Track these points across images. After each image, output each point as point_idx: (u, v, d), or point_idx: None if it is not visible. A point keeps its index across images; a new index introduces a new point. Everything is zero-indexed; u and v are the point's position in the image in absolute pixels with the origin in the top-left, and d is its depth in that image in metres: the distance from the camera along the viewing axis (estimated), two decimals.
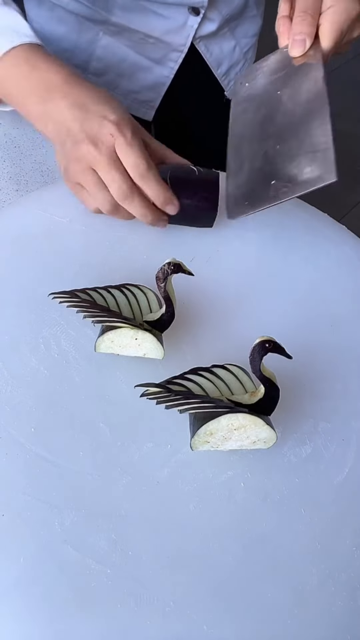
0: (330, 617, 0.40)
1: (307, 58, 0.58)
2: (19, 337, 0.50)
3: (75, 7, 0.82)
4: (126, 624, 0.39)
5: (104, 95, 0.57)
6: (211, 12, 0.84)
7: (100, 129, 0.54)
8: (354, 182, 2.14)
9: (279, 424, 0.47)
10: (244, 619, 0.40)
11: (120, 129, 0.53)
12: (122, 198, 0.55)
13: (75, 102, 0.56)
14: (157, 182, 0.55)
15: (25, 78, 0.58)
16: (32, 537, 0.41)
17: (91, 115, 0.55)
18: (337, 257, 0.60)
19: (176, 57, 0.88)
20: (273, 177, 0.53)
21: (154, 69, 0.90)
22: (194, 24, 0.84)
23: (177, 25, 0.84)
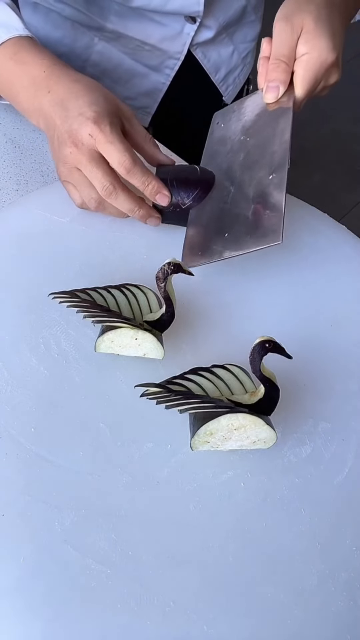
0: (330, 617, 0.40)
1: (280, 104, 0.58)
2: (19, 337, 0.50)
3: (70, 12, 0.82)
4: (126, 624, 0.39)
5: (86, 87, 0.56)
6: (208, 20, 0.84)
7: (79, 129, 0.54)
8: (354, 182, 2.14)
9: (279, 424, 0.47)
10: (244, 619, 0.40)
11: (99, 126, 0.53)
12: (107, 194, 0.55)
13: (57, 98, 0.56)
14: (143, 174, 0.54)
15: (13, 74, 0.58)
16: (32, 537, 0.41)
17: (70, 113, 0.54)
18: (337, 257, 0.60)
19: (172, 65, 0.88)
20: (226, 229, 0.53)
21: (150, 75, 0.89)
22: (191, 32, 0.83)
23: (173, 33, 0.83)
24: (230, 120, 0.63)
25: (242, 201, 0.54)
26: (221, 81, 0.95)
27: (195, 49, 0.88)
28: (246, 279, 0.57)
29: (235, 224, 0.53)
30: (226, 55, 0.92)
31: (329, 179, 2.13)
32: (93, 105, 0.54)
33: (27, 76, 0.57)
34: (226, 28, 0.88)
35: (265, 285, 0.57)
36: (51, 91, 0.56)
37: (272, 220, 0.50)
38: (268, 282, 0.57)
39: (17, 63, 0.58)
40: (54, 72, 0.57)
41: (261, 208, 0.52)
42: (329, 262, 0.60)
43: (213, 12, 0.83)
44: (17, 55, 0.58)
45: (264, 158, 0.55)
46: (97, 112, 0.54)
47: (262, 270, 0.58)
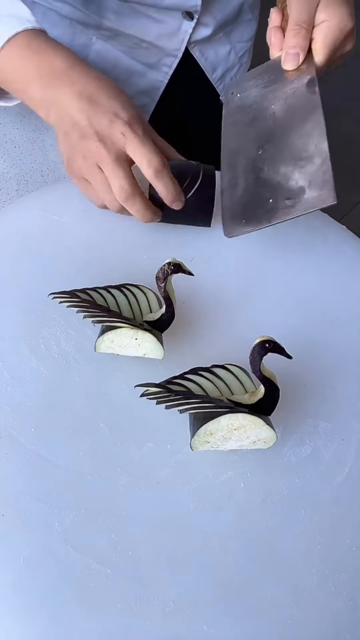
0: (330, 617, 0.40)
1: (300, 71, 0.58)
2: (19, 337, 0.50)
3: (68, 11, 0.82)
4: (126, 624, 0.39)
5: (113, 88, 0.56)
6: (205, 17, 0.84)
7: (111, 127, 0.54)
8: (354, 182, 2.14)
9: (279, 424, 0.47)
10: (244, 619, 0.40)
11: (133, 127, 0.53)
12: (124, 199, 0.55)
13: (83, 92, 0.55)
14: (170, 179, 0.55)
15: (30, 63, 0.57)
16: (32, 537, 0.41)
17: (101, 110, 0.54)
18: (337, 257, 0.60)
19: (170, 62, 0.88)
20: (270, 195, 0.52)
21: (148, 73, 0.89)
22: (188, 29, 0.83)
23: (171, 30, 0.83)
24: (248, 89, 0.62)
25: (280, 166, 0.53)
26: (218, 80, 0.95)
27: (193, 47, 0.88)
28: (246, 279, 0.57)
29: (279, 189, 0.52)
30: (223, 54, 0.92)
31: None
32: (126, 109, 0.55)
33: (46, 65, 0.56)
34: (223, 26, 0.88)
35: (266, 285, 0.57)
36: (75, 83, 0.55)
37: (322, 181, 0.49)
38: (268, 282, 0.57)
39: (34, 52, 0.57)
40: (76, 64, 0.56)
41: (305, 169, 0.51)
42: (329, 262, 0.60)
43: (210, 9, 0.83)
44: (32, 46, 0.57)
45: (296, 121, 0.54)
46: (131, 115, 0.54)
47: (262, 270, 0.58)
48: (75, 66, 0.56)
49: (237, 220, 0.54)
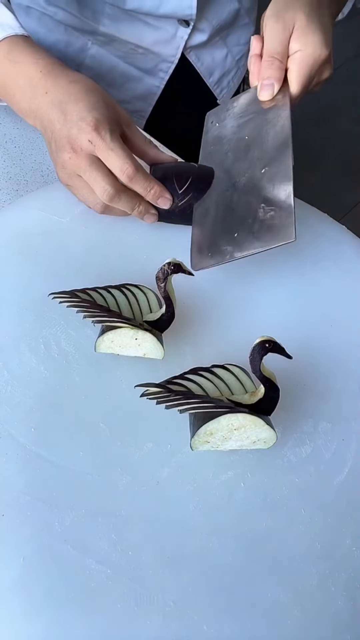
0: (330, 617, 0.40)
1: (275, 101, 0.58)
2: (19, 337, 0.50)
3: (63, 16, 0.81)
4: (126, 624, 0.39)
5: (84, 89, 0.55)
6: (201, 23, 0.83)
7: (78, 134, 0.53)
8: (354, 182, 2.14)
9: (279, 424, 0.47)
10: (244, 619, 0.40)
11: (99, 132, 0.52)
12: (109, 199, 0.55)
13: (56, 99, 0.55)
14: (145, 180, 0.54)
15: (9, 74, 0.57)
16: (32, 537, 0.41)
17: (69, 117, 0.54)
18: (337, 257, 0.60)
19: (166, 68, 0.87)
20: (236, 228, 0.53)
21: (144, 79, 0.89)
22: (184, 35, 0.83)
23: (166, 36, 0.83)
24: (226, 119, 0.63)
25: (248, 200, 0.54)
26: (215, 84, 0.95)
27: (189, 52, 0.87)
28: (246, 279, 0.57)
29: (245, 223, 0.52)
30: (220, 59, 0.92)
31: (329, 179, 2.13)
32: (93, 111, 0.53)
33: (23, 76, 0.57)
34: (219, 31, 0.88)
35: (265, 285, 0.57)
36: (48, 92, 0.55)
37: (282, 218, 0.50)
38: (268, 282, 0.57)
39: (11, 63, 0.57)
40: (51, 72, 0.56)
41: (270, 205, 0.51)
42: (329, 262, 0.60)
43: (206, 16, 0.83)
44: (11, 55, 0.57)
45: (266, 155, 0.55)
46: (97, 118, 0.53)
47: (262, 270, 0.58)
48: (49, 73, 0.56)
49: (203, 253, 0.54)
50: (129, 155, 0.53)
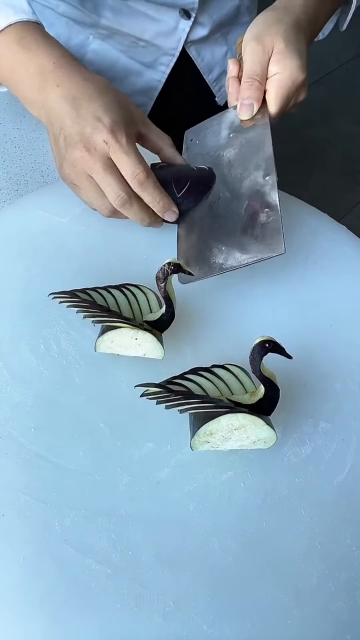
0: (330, 617, 0.40)
1: (255, 121, 0.59)
2: (19, 337, 0.50)
3: (64, 9, 0.81)
4: (126, 624, 0.39)
5: (98, 87, 0.55)
6: (202, 17, 0.84)
7: (93, 133, 0.52)
8: (354, 182, 2.14)
9: (279, 424, 0.47)
10: (244, 619, 0.40)
11: (115, 134, 0.52)
12: (120, 204, 0.54)
13: (69, 95, 0.54)
14: (155, 189, 0.54)
15: (19, 60, 0.56)
16: (32, 537, 0.41)
17: (84, 114, 0.53)
18: (337, 257, 0.60)
19: (167, 61, 0.87)
20: (223, 243, 0.53)
21: (145, 73, 0.89)
22: (186, 28, 0.83)
23: (168, 29, 0.83)
24: (206, 137, 0.64)
25: (234, 214, 0.54)
26: (214, 81, 0.95)
27: (190, 47, 0.88)
28: (246, 280, 0.57)
29: (232, 237, 0.53)
30: (220, 56, 0.92)
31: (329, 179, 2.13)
32: (109, 112, 0.53)
33: (34, 65, 0.55)
34: (220, 27, 0.88)
35: (265, 285, 0.57)
36: (60, 85, 0.54)
37: (271, 231, 0.50)
38: (268, 282, 0.57)
39: (23, 49, 0.55)
40: (64, 65, 0.55)
41: (256, 220, 0.52)
42: (329, 262, 0.60)
43: (207, 9, 0.83)
44: (23, 41, 0.55)
45: (249, 172, 0.56)
46: (113, 119, 0.53)
47: (262, 270, 0.58)
48: (63, 66, 0.55)
49: (191, 267, 0.54)
50: (142, 162, 0.53)
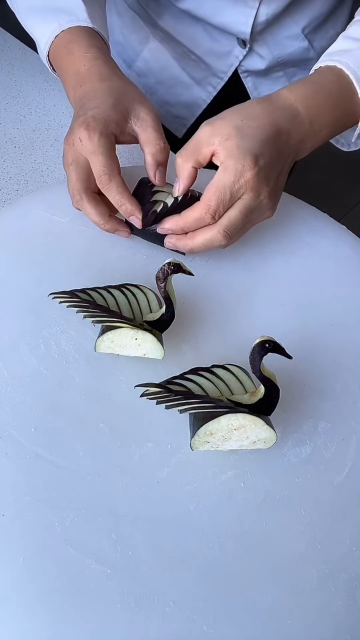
0: (330, 617, 0.40)
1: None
2: (19, 337, 0.50)
3: (132, 3, 0.82)
4: (126, 624, 0.39)
5: (106, 88, 0.56)
6: (260, 48, 0.80)
7: (75, 130, 0.53)
8: (354, 182, 2.14)
9: (279, 424, 0.47)
10: (244, 619, 0.40)
11: (89, 132, 0.52)
12: (73, 201, 0.55)
13: (82, 94, 0.56)
14: (118, 193, 0.53)
15: (63, 63, 0.59)
16: (32, 537, 0.41)
17: (81, 112, 0.55)
18: (337, 257, 0.60)
19: (215, 83, 0.85)
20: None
21: (193, 88, 0.87)
22: (239, 55, 0.81)
23: (222, 50, 0.81)
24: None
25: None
26: None
27: (246, 77, 0.85)
28: (246, 279, 0.57)
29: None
30: None
31: (329, 179, 2.13)
32: (96, 109, 0.54)
33: (72, 67, 0.58)
34: (283, 66, 0.84)
35: (265, 285, 0.57)
36: (82, 86, 0.57)
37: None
38: (268, 282, 0.57)
39: (67, 53, 0.59)
40: (93, 67, 0.57)
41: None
42: (329, 262, 0.60)
43: (266, 41, 0.80)
44: (69, 45, 0.59)
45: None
46: (93, 116, 0.53)
47: (262, 270, 0.58)
48: (90, 69, 0.57)
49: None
50: (107, 165, 0.52)
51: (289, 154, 0.54)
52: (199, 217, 0.51)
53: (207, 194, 0.51)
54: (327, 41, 0.84)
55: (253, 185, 0.50)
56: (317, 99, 0.55)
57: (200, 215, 0.51)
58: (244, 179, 0.50)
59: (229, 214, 0.52)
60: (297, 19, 0.79)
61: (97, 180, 0.53)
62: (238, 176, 0.50)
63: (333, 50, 0.58)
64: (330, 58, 0.57)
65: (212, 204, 0.51)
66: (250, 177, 0.50)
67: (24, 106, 0.80)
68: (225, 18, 0.76)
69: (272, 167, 0.52)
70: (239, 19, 0.75)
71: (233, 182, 0.50)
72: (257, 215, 0.53)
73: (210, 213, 0.51)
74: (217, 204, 0.50)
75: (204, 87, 0.87)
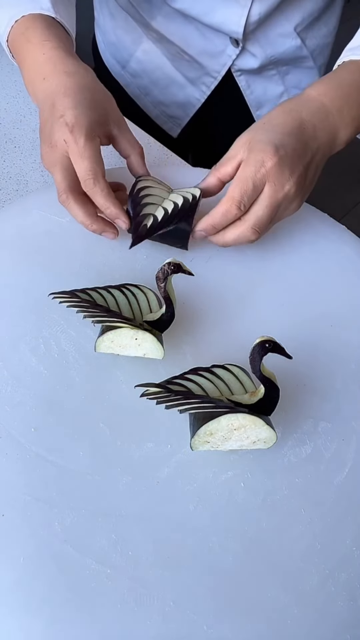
0: (330, 617, 0.40)
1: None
2: (19, 337, 0.50)
3: (124, 3, 0.82)
4: (126, 624, 0.39)
5: (78, 83, 0.54)
6: (253, 47, 0.80)
7: (57, 131, 0.52)
8: (354, 182, 2.14)
9: (279, 424, 0.47)
10: (244, 619, 0.40)
11: (74, 134, 0.52)
12: (60, 200, 0.55)
13: (49, 89, 0.55)
14: (102, 197, 0.53)
15: (21, 51, 0.58)
16: (32, 537, 0.41)
17: (54, 111, 0.53)
18: (337, 257, 0.60)
19: (209, 82, 0.85)
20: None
21: (187, 87, 0.87)
22: (232, 54, 0.81)
23: (214, 50, 0.81)
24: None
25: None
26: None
27: (239, 76, 0.85)
28: (246, 279, 0.57)
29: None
30: (274, 94, 0.88)
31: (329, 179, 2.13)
32: (75, 109, 0.52)
33: (30, 56, 0.57)
34: (277, 64, 0.84)
35: (266, 285, 0.57)
36: (46, 79, 0.55)
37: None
38: (268, 282, 0.57)
39: (25, 41, 0.57)
40: (53, 56, 0.56)
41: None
42: (329, 262, 0.59)
43: (259, 40, 0.80)
44: (27, 32, 0.57)
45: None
46: (76, 118, 0.52)
47: (262, 270, 0.58)
48: (50, 59, 0.56)
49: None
50: (92, 168, 0.52)
51: (318, 147, 0.54)
52: (224, 210, 0.52)
53: (230, 188, 0.51)
54: (319, 39, 0.84)
55: (275, 174, 0.51)
56: (341, 90, 0.55)
57: (226, 209, 0.52)
58: (264, 168, 0.50)
59: (255, 210, 0.52)
60: (289, 17, 0.79)
61: (82, 184, 0.53)
62: (259, 166, 0.50)
63: (354, 46, 0.59)
64: (353, 52, 0.58)
65: (235, 194, 0.51)
66: (270, 165, 0.50)
67: (24, 106, 0.80)
68: (217, 17, 0.76)
69: (296, 159, 0.52)
70: (231, 18, 0.75)
71: (254, 172, 0.50)
72: (284, 207, 0.54)
73: (235, 204, 0.51)
74: (240, 194, 0.51)
75: (197, 86, 0.87)
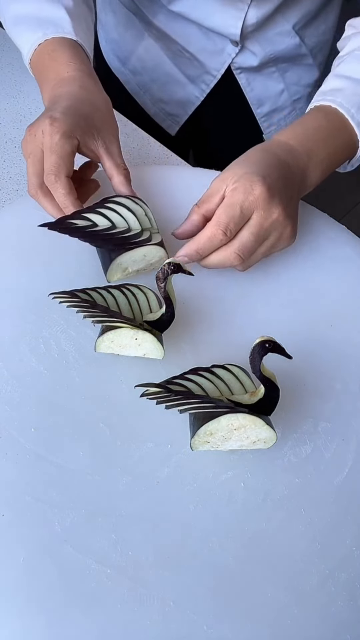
0: (330, 617, 0.40)
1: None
2: (19, 337, 0.50)
3: (125, 0, 0.83)
4: (126, 624, 0.39)
5: (81, 95, 0.57)
6: (252, 46, 0.81)
7: (41, 122, 0.54)
8: (354, 182, 2.14)
9: (279, 424, 0.47)
10: (244, 619, 0.40)
11: (52, 128, 0.52)
12: (31, 193, 0.55)
13: (57, 94, 0.57)
14: (62, 194, 0.52)
15: (45, 68, 0.61)
16: (32, 537, 0.41)
17: (50, 107, 0.56)
18: (337, 257, 0.60)
19: (209, 81, 0.86)
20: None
21: (187, 85, 0.88)
22: (232, 53, 0.81)
23: (214, 48, 0.81)
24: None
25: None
26: (264, 117, 0.91)
27: (239, 74, 0.85)
28: (246, 279, 0.57)
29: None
30: (274, 92, 0.88)
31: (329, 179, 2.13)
32: (66, 110, 0.54)
33: (54, 72, 0.59)
34: (276, 62, 0.84)
35: (265, 285, 0.57)
36: (61, 87, 0.58)
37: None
38: (268, 282, 0.57)
39: (50, 60, 0.60)
40: (74, 75, 0.58)
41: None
42: (329, 262, 0.59)
43: (257, 38, 0.80)
44: (53, 53, 0.60)
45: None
46: (62, 115, 0.53)
47: (262, 270, 0.58)
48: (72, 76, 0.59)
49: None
50: (58, 164, 0.52)
51: (295, 184, 0.54)
52: (210, 234, 0.50)
53: (216, 213, 0.50)
54: (318, 36, 0.85)
55: (263, 201, 0.50)
56: (307, 134, 0.56)
57: (212, 232, 0.50)
58: (253, 195, 0.50)
59: (241, 236, 0.51)
60: (287, 16, 0.79)
61: (44, 177, 0.53)
62: (247, 193, 0.50)
63: (324, 90, 0.60)
64: (324, 97, 0.59)
65: (222, 219, 0.50)
66: (259, 192, 0.50)
67: (24, 106, 0.80)
68: (215, 21, 0.77)
69: (282, 188, 0.52)
70: (228, 22, 0.76)
71: (243, 199, 0.50)
72: (275, 237, 0.52)
73: (221, 229, 0.50)
74: (227, 219, 0.50)
75: (197, 84, 0.88)
